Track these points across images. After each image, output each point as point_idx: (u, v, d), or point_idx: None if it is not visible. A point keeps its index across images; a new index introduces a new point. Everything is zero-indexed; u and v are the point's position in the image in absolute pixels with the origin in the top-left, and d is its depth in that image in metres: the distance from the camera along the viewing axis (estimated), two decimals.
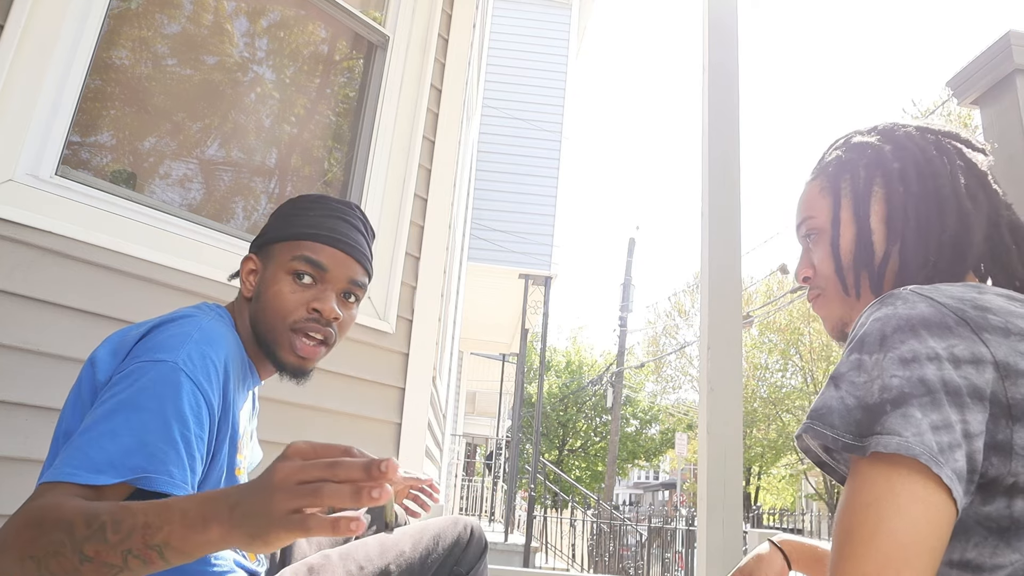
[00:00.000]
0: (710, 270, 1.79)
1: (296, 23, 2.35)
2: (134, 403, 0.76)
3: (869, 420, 0.59)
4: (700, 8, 1.99)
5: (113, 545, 0.61)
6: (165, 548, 0.60)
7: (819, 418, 0.63)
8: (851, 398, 0.62)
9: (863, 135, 0.86)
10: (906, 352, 0.61)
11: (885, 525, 0.56)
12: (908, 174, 0.79)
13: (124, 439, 0.73)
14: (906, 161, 0.80)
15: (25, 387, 1.39)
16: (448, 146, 2.55)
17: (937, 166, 0.79)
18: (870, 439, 0.58)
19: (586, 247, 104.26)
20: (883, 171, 0.81)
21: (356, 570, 1.00)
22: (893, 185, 0.80)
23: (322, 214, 1.04)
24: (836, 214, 0.83)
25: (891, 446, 0.56)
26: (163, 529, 0.60)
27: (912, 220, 0.77)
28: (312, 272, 1.00)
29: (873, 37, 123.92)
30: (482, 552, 1.20)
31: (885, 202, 0.80)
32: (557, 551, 10.88)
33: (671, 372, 23.70)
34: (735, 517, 1.62)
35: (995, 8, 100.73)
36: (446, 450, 5.51)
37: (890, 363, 0.61)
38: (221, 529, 0.58)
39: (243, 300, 1.04)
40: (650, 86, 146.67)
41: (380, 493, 0.54)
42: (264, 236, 1.06)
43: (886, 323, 0.64)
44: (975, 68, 1.67)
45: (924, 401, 0.58)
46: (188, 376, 0.81)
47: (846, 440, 0.60)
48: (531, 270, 9.26)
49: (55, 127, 1.53)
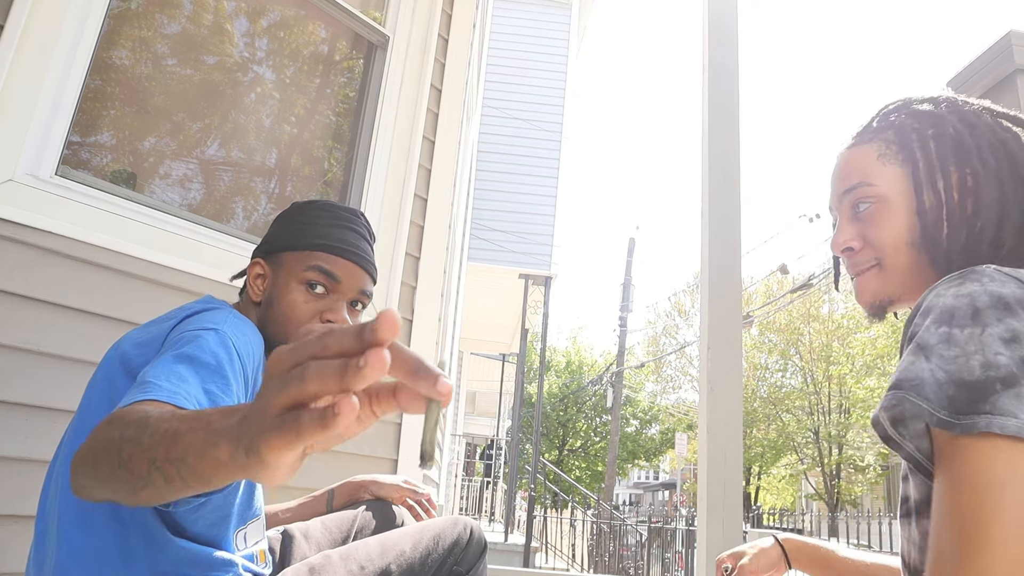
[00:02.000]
0: (710, 270, 1.79)
1: (296, 23, 2.35)
2: (193, 358, 0.78)
3: (970, 397, 0.57)
4: (700, 8, 1.99)
5: (145, 450, 0.56)
6: (181, 465, 0.54)
7: (913, 389, 0.60)
8: (942, 372, 0.60)
9: (927, 103, 0.83)
10: (1005, 331, 0.59)
11: (1014, 504, 0.54)
12: (984, 153, 0.76)
13: (191, 383, 0.73)
14: (981, 140, 0.77)
15: (25, 387, 1.39)
16: (448, 146, 2.55)
17: (1013, 148, 0.77)
18: (975, 418, 0.56)
19: (586, 247, 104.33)
20: (958, 146, 0.78)
21: (357, 570, 1.00)
22: (972, 162, 0.76)
23: (331, 223, 1.07)
24: (917, 179, 0.78)
25: (1009, 428, 0.55)
26: (185, 439, 0.53)
27: (992, 201, 0.75)
28: (325, 283, 1.03)
29: (873, 37, 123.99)
30: (482, 552, 1.20)
31: (962, 178, 0.77)
32: (557, 551, 10.88)
33: (671, 372, 23.72)
34: (735, 517, 1.62)
35: (995, 8, 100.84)
36: (446, 450, 5.51)
37: (990, 339, 0.59)
38: (228, 446, 0.49)
39: (250, 303, 1.06)
40: (650, 86, 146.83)
41: (372, 365, 0.40)
42: (273, 243, 1.08)
43: (976, 298, 0.62)
44: (975, 68, 1.67)
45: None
46: (235, 346, 0.84)
47: (941, 416, 0.58)
48: (531, 270, 9.26)
49: (55, 127, 1.53)
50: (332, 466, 1.96)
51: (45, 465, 1.40)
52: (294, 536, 1.18)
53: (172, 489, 0.55)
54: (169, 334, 0.87)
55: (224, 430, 0.49)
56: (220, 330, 0.84)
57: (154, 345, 0.86)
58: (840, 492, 18.38)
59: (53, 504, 0.85)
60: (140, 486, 0.56)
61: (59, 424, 1.43)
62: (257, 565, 0.99)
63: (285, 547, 1.16)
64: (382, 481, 1.36)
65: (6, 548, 1.33)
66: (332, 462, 1.97)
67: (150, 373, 0.73)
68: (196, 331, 0.83)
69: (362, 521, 1.27)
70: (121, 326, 1.55)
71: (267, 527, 1.21)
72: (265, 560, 1.03)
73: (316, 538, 1.20)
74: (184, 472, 0.53)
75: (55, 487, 0.87)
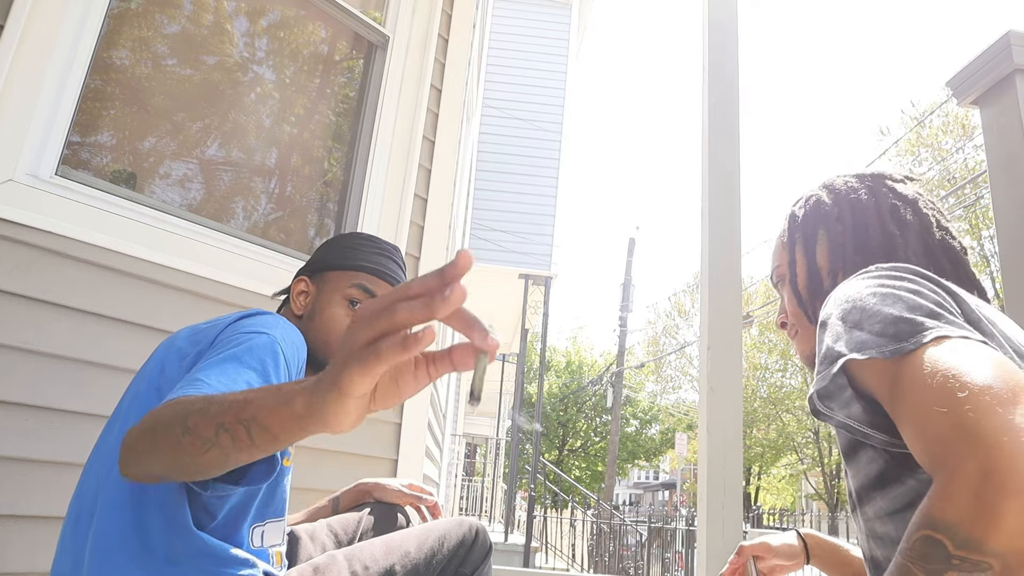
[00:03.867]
0: (710, 270, 1.79)
1: (296, 23, 2.35)
2: (240, 359, 0.82)
3: (911, 326, 0.63)
4: (700, 8, 1.99)
5: (211, 417, 0.62)
6: (252, 423, 0.60)
7: (856, 350, 0.65)
8: (876, 325, 0.66)
9: (812, 190, 1.00)
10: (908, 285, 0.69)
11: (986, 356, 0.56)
12: (843, 214, 0.93)
13: (238, 384, 0.77)
14: (842, 205, 0.94)
15: (25, 387, 1.39)
16: (448, 146, 2.55)
17: (865, 203, 0.92)
18: (924, 333, 0.61)
19: (586, 247, 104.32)
20: (824, 216, 0.95)
21: (361, 570, 1.01)
22: (831, 225, 0.94)
23: (375, 252, 1.17)
24: (792, 258, 0.97)
25: (956, 332, 0.60)
26: (254, 403, 0.60)
27: (848, 249, 0.91)
28: (365, 300, 1.09)
29: (873, 37, 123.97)
30: (487, 553, 1.20)
31: (827, 240, 0.94)
32: (557, 551, 10.88)
33: (671, 372, 23.72)
34: (735, 517, 1.62)
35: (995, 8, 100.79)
36: (446, 450, 5.51)
37: (901, 291, 0.68)
38: (303, 399, 0.56)
39: (291, 316, 1.14)
40: (650, 86, 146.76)
41: (457, 293, 0.48)
42: (319, 263, 1.17)
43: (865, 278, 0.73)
44: (975, 68, 1.67)
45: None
46: (282, 351, 0.88)
47: (890, 349, 0.62)
48: (531, 270, 9.26)
49: (55, 127, 1.53)
50: (334, 466, 1.96)
51: (45, 465, 1.41)
52: (300, 537, 1.19)
53: (238, 448, 0.62)
54: (222, 332, 0.91)
55: (297, 389, 0.57)
56: (271, 335, 0.88)
57: (206, 341, 0.91)
58: (840, 492, 18.39)
59: (92, 486, 0.87)
60: (205, 448, 0.62)
61: (59, 424, 1.43)
62: (273, 567, 0.99)
63: (291, 548, 1.16)
64: (386, 486, 1.36)
65: (6, 548, 1.33)
66: (334, 462, 1.97)
67: (201, 371, 0.77)
68: (248, 333, 0.87)
69: (367, 523, 1.27)
70: (121, 326, 1.55)
71: None
72: (281, 563, 1.03)
73: (322, 539, 1.21)
74: (254, 431, 0.60)
75: (98, 469, 0.88)
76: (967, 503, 0.48)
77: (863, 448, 0.75)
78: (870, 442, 0.70)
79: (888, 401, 0.63)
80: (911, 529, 0.52)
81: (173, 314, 1.63)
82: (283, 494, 1.01)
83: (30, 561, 1.35)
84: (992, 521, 0.46)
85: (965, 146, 13.36)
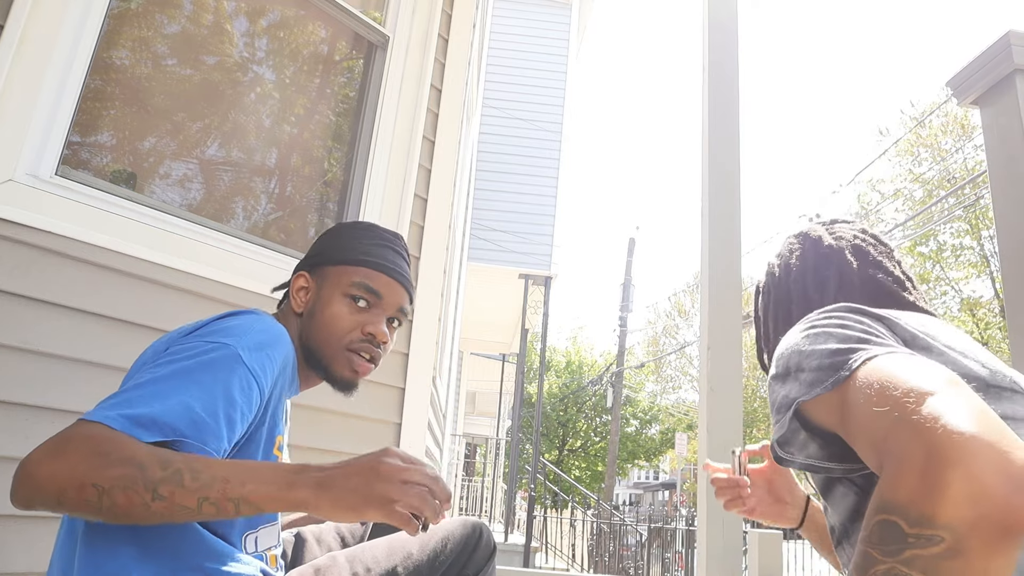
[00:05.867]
0: (710, 270, 1.79)
1: (296, 23, 2.35)
2: (188, 373, 0.79)
3: (843, 355, 0.68)
4: (700, 8, 1.99)
5: (190, 491, 0.67)
6: (242, 502, 0.68)
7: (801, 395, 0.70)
8: (814, 363, 0.71)
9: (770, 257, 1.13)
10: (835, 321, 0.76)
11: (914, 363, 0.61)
12: (781, 281, 1.04)
13: (171, 403, 0.75)
14: (781, 271, 1.05)
15: (25, 387, 1.39)
16: (448, 146, 2.55)
17: (793, 267, 1.02)
18: (855, 356, 0.66)
19: (586, 247, 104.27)
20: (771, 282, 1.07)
21: (363, 571, 1.00)
22: (774, 292, 1.06)
23: (375, 243, 1.12)
24: (755, 315, 1.11)
25: (883, 351, 0.65)
26: (246, 486, 0.68)
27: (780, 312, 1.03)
28: (368, 298, 1.07)
29: (873, 37, 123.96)
30: (491, 555, 1.18)
31: (771, 304, 1.06)
32: (557, 551, 10.88)
33: (671, 372, 23.71)
34: (735, 517, 1.62)
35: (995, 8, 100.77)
36: (446, 450, 5.51)
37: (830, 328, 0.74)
38: (307, 493, 0.70)
39: (291, 314, 1.09)
40: (650, 86, 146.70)
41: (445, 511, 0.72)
42: (317, 257, 1.12)
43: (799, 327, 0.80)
44: (975, 68, 1.67)
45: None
46: (245, 363, 0.84)
47: (830, 381, 0.66)
48: (531, 270, 9.25)
49: (55, 127, 1.53)
50: None
51: None
52: (307, 539, 1.18)
53: (219, 516, 0.69)
54: (197, 329, 0.89)
55: (299, 483, 0.71)
56: (233, 346, 0.84)
57: (181, 333, 0.89)
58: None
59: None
60: (183, 515, 0.68)
61: (59, 424, 1.42)
62: (270, 568, 0.99)
63: (298, 549, 1.16)
64: None
65: (6, 548, 1.33)
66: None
67: (135, 387, 0.76)
68: (209, 343, 0.84)
69: (374, 523, 1.26)
70: (121, 326, 1.55)
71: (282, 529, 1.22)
72: (276, 564, 1.03)
73: (328, 541, 1.20)
74: (244, 507, 0.68)
75: None
76: (915, 482, 0.50)
77: (835, 484, 0.80)
78: (834, 475, 0.75)
79: (840, 427, 0.66)
80: (867, 517, 0.54)
81: (173, 314, 1.63)
82: None
83: (30, 561, 1.35)
84: (938, 494, 0.48)
85: (965, 146, 13.35)
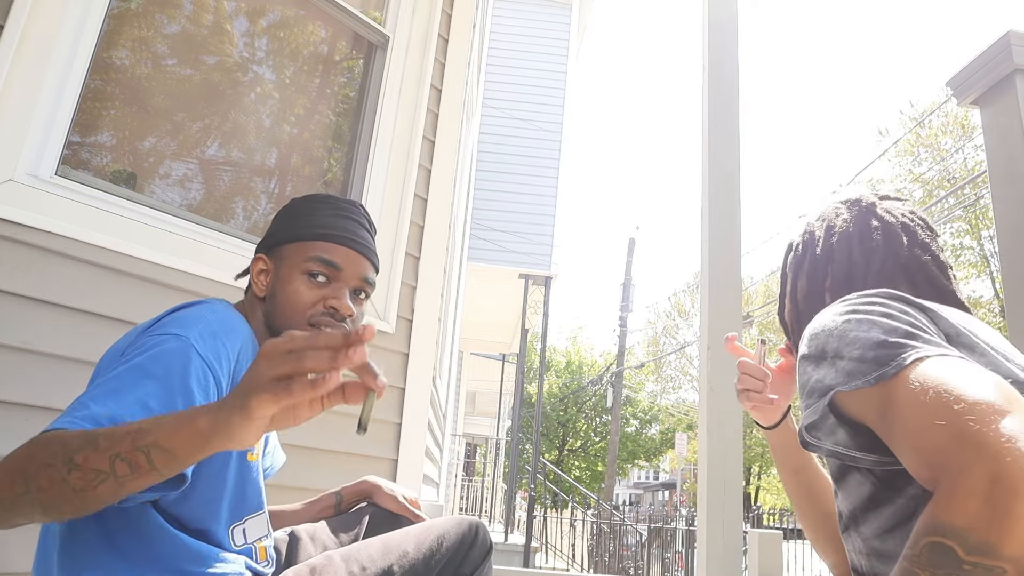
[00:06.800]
0: (710, 270, 1.79)
1: (296, 23, 2.35)
2: (142, 369, 0.78)
3: (890, 350, 0.65)
4: (700, 8, 1.99)
5: (103, 451, 0.63)
6: (153, 448, 0.62)
7: (842, 383, 0.67)
8: (856, 353, 0.68)
9: (810, 221, 1.08)
10: (880, 310, 0.72)
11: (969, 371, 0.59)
12: (825, 245, 0.99)
13: (127, 399, 0.74)
14: (825, 236, 0.99)
15: (25, 387, 1.39)
16: (448, 146, 2.55)
17: (841, 233, 0.96)
18: (903, 355, 0.63)
19: (586, 247, 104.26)
20: (808, 248, 1.01)
21: (359, 571, 1.00)
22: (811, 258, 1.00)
23: (330, 213, 1.07)
24: (783, 289, 1.06)
25: (934, 352, 0.62)
26: (152, 432, 0.63)
27: (818, 280, 0.97)
28: (327, 272, 1.03)
29: (873, 37, 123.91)
30: (487, 553, 1.18)
31: (806, 274, 1.00)
32: (557, 551, 10.88)
33: (671, 372, 23.71)
34: (735, 517, 1.62)
35: (995, 8, 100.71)
36: (446, 450, 5.52)
37: (875, 316, 0.70)
38: (207, 418, 0.62)
39: (255, 299, 1.06)
40: (650, 86, 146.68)
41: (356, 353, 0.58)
42: (273, 237, 1.08)
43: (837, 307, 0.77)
44: (975, 68, 1.67)
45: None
46: (198, 353, 0.82)
47: (873, 376, 0.64)
48: (531, 270, 9.25)
49: (55, 127, 1.53)
50: (334, 466, 1.96)
51: None
52: (300, 538, 1.18)
53: (135, 475, 0.63)
54: (150, 327, 0.87)
55: (201, 411, 0.62)
56: (184, 336, 0.82)
57: (126, 342, 0.87)
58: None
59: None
60: (98, 481, 0.63)
61: None
62: (257, 563, 0.98)
63: (292, 548, 1.16)
64: (386, 491, 1.33)
65: (6, 548, 1.33)
66: (333, 462, 1.97)
67: (90, 393, 0.75)
68: (160, 336, 0.83)
69: (369, 522, 1.26)
70: (121, 326, 1.55)
71: (275, 526, 1.21)
72: (267, 557, 1.02)
73: (323, 540, 1.20)
74: (155, 455, 0.62)
75: None
76: (977, 508, 0.48)
77: (852, 472, 0.78)
78: (859, 465, 0.73)
79: (878, 424, 0.64)
80: (916, 536, 0.52)
81: None
82: (256, 488, 0.99)
83: (29, 561, 1.35)
84: (1006, 525, 0.46)
85: (965, 146, 13.35)
